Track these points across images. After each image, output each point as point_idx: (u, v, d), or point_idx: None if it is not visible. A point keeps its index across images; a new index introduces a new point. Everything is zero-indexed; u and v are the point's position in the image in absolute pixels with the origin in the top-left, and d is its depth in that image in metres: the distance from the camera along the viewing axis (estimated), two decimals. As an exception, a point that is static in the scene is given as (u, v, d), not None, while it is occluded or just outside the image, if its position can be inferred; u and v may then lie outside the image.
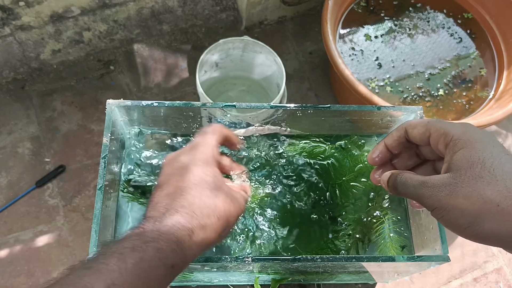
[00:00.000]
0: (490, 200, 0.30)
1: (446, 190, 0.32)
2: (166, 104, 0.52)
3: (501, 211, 0.30)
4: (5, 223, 0.88)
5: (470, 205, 0.31)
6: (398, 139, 0.41)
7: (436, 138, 0.36)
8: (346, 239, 0.57)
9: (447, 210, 0.32)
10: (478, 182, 0.31)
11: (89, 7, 0.93)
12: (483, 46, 1.03)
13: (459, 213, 0.31)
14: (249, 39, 0.91)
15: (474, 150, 0.33)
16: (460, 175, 0.32)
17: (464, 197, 0.31)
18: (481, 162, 0.32)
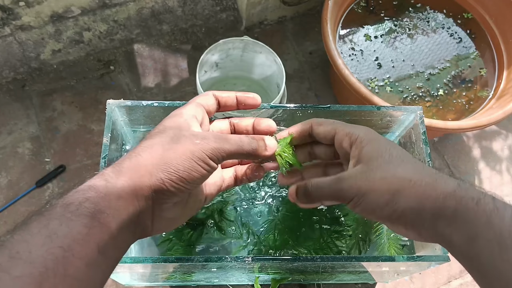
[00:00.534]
0: (403, 177, 0.34)
1: (363, 177, 0.35)
2: (166, 104, 0.52)
3: (413, 185, 0.33)
4: (5, 223, 0.88)
5: (387, 184, 0.34)
6: (302, 132, 0.42)
7: (341, 137, 0.39)
8: (347, 240, 0.57)
9: (366, 194, 0.35)
10: (390, 165, 0.35)
11: (89, 7, 0.94)
12: (483, 46, 1.03)
13: (378, 194, 0.34)
14: (249, 39, 0.91)
15: (379, 143, 0.37)
16: (372, 163, 0.36)
17: (381, 178, 0.34)
18: (388, 151, 0.36)
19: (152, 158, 0.34)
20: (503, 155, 1.05)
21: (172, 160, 0.34)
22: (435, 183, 0.34)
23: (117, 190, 0.33)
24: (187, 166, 0.34)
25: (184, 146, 0.35)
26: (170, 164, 0.34)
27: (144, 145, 0.35)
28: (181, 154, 0.34)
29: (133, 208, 0.33)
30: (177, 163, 0.34)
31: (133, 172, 0.34)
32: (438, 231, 0.33)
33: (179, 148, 0.34)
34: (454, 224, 0.32)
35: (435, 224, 0.33)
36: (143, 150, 0.35)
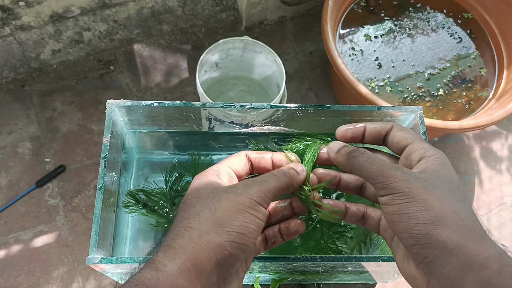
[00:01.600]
0: (458, 212, 0.30)
1: (423, 183, 0.32)
2: (166, 104, 0.52)
3: (463, 227, 0.30)
4: (5, 223, 0.88)
5: (439, 207, 0.30)
6: (379, 131, 0.40)
7: (416, 147, 0.36)
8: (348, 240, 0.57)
9: (414, 199, 0.31)
10: (451, 195, 0.31)
11: (89, 7, 0.93)
12: (483, 46, 1.03)
13: (425, 206, 0.30)
14: (249, 39, 0.91)
15: (451, 172, 0.34)
16: (439, 180, 0.32)
17: (438, 197, 0.31)
18: (457, 184, 0.33)
19: (205, 225, 0.31)
20: (503, 155, 1.05)
21: (225, 219, 0.31)
22: (483, 238, 0.30)
23: (172, 279, 0.28)
24: (241, 220, 0.31)
25: (230, 200, 0.32)
26: (225, 224, 0.31)
27: (187, 216, 0.32)
28: (231, 210, 0.31)
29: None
30: (231, 220, 0.31)
31: (189, 250, 0.30)
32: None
33: (226, 205, 0.32)
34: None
35: (462, 279, 0.28)
36: (191, 221, 0.31)
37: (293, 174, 0.38)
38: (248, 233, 0.31)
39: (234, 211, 0.31)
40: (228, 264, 0.31)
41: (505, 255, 0.29)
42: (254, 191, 0.33)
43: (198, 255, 0.30)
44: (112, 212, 0.54)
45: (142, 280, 0.28)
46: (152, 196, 0.61)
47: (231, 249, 0.30)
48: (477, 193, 1.00)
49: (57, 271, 0.84)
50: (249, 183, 0.34)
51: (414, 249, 0.30)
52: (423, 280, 0.31)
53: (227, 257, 0.30)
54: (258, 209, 0.32)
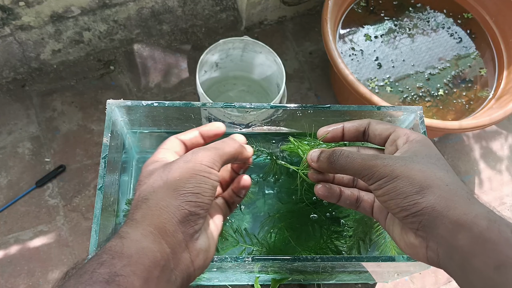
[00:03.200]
0: (442, 179, 0.34)
1: (402, 162, 0.35)
2: (166, 104, 0.52)
3: (447, 189, 0.33)
4: (5, 223, 0.88)
5: (423, 176, 0.33)
6: (357, 128, 0.43)
7: (399, 134, 0.40)
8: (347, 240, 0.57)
9: (398, 178, 0.34)
10: (433, 166, 0.35)
11: (89, 7, 0.94)
12: (483, 46, 1.03)
13: (409, 181, 0.33)
14: (249, 39, 0.91)
15: (432, 150, 0.37)
16: (417, 157, 0.36)
17: (419, 170, 0.34)
18: (437, 157, 0.36)
19: (160, 193, 0.33)
20: (503, 155, 1.05)
21: (179, 184, 0.33)
22: (470, 200, 0.32)
23: (137, 242, 0.31)
24: (194, 182, 0.33)
25: (180, 168, 0.34)
26: (179, 187, 0.33)
27: (143, 190, 0.34)
28: (183, 175, 0.34)
29: (161, 253, 0.31)
30: (184, 184, 0.33)
31: (149, 216, 0.32)
32: (454, 246, 0.30)
33: (177, 172, 0.34)
34: (481, 245, 0.29)
35: (455, 236, 0.30)
36: (147, 195, 0.34)
37: (240, 141, 0.41)
38: (202, 192, 0.34)
39: (186, 175, 0.34)
40: (191, 222, 0.33)
41: (492, 213, 0.31)
42: (203, 156, 0.35)
43: (159, 219, 0.32)
44: (112, 212, 0.54)
45: (108, 248, 0.30)
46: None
47: (189, 208, 0.33)
48: (477, 193, 1.00)
49: (57, 271, 0.84)
50: (196, 150, 0.36)
51: (408, 219, 0.34)
52: (423, 245, 0.34)
53: (187, 215, 0.33)
54: (209, 171, 0.35)
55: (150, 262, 0.30)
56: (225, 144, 0.38)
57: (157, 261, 0.30)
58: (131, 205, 0.35)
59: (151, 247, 0.31)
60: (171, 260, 0.31)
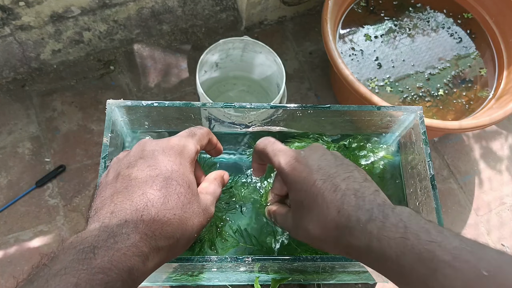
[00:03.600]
0: (315, 237, 0.36)
1: (292, 229, 0.40)
2: (166, 104, 0.52)
3: (323, 242, 0.36)
4: (5, 223, 0.88)
5: (309, 241, 0.38)
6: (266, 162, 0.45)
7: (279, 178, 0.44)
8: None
9: (297, 235, 0.39)
10: (304, 223, 0.37)
11: (89, 7, 0.94)
12: (483, 46, 1.03)
13: (303, 237, 0.38)
14: (249, 39, 0.91)
15: (295, 193, 0.38)
16: (295, 216, 0.39)
17: (302, 234, 0.37)
18: (301, 204, 0.37)
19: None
20: (503, 155, 1.05)
21: None
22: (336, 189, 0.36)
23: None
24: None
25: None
26: None
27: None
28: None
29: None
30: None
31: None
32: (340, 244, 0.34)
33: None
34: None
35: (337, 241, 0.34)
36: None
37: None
38: (196, 233, 0.37)
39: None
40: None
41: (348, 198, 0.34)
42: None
43: None
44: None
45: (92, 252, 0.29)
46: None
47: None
48: (477, 193, 1.00)
49: (57, 271, 0.84)
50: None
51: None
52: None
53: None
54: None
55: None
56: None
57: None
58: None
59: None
60: None
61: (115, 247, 0.28)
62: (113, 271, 0.27)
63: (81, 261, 0.26)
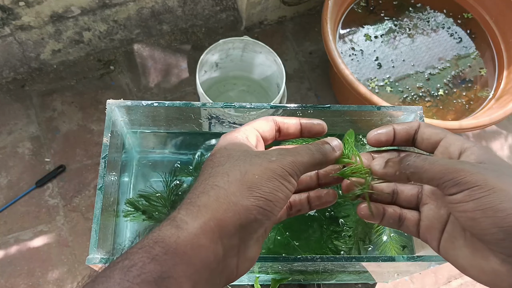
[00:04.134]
0: None
1: (493, 173, 0.29)
2: (166, 104, 0.52)
3: None
4: (5, 223, 0.88)
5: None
6: (408, 131, 0.37)
7: (450, 141, 0.35)
8: (346, 240, 0.57)
9: (493, 190, 0.28)
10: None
11: (89, 7, 0.93)
12: (483, 46, 1.03)
13: (507, 197, 0.27)
14: (249, 39, 0.91)
15: (500, 158, 0.32)
16: (501, 168, 0.30)
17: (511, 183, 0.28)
18: (508, 165, 0.31)
19: (233, 186, 0.30)
20: (503, 155, 1.05)
21: (255, 183, 0.30)
22: None
23: (193, 238, 0.27)
24: (271, 186, 0.30)
25: (262, 166, 0.31)
26: (254, 188, 0.30)
27: (215, 173, 0.31)
28: (262, 175, 0.30)
29: (215, 255, 0.28)
30: (261, 185, 0.30)
31: (214, 209, 0.29)
32: None
33: (258, 169, 0.31)
34: None
35: None
36: (218, 180, 0.30)
37: (328, 150, 0.36)
38: (275, 201, 0.30)
39: (265, 177, 0.30)
40: (252, 229, 0.30)
41: None
42: (287, 161, 0.32)
43: (223, 215, 0.29)
44: (112, 212, 0.54)
45: (161, 238, 0.27)
46: (152, 201, 0.61)
47: (257, 214, 0.29)
48: (477, 193, 1.00)
49: (57, 271, 0.84)
50: (283, 152, 0.32)
51: (504, 243, 0.28)
52: (510, 273, 0.28)
53: (252, 221, 0.29)
54: (289, 179, 0.31)
55: (201, 262, 0.27)
56: (310, 151, 0.34)
57: (209, 263, 0.28)
58: (196, 181, 0.31)
59: (208, 247, 0.28)
60: (221, 263, 0.29)
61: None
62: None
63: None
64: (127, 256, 0.26)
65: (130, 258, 0.26)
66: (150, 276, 0.25)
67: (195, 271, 0.27)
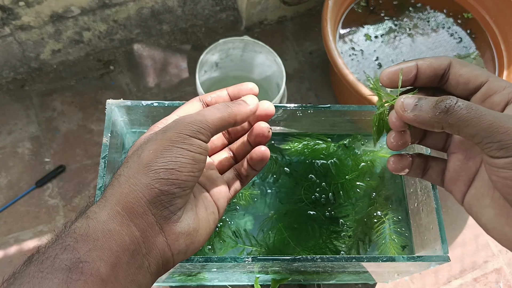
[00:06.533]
0: None
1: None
2: (166, 104, 0.52)
3: None
4: (5, 223, 0.88)
5: None
6: (436, 69, 0.32)
7: (494, 88, 0.30)
8: (346, 240, 0.57)
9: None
10: None
11: (89, 7, 0.93)
12: (483, 46, 1.03)
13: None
14: (249, 39, 0.91)
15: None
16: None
17: None
18: None
19: (132, 168, 0.30)
20: (503, 155, 1.05)
21: (151, 158, 0.29)
22: None
23: (102, 224, 0.28)
24: (168, 155, 0.29)
25: (157, 139, 0.30)
26: (150, 164, 0.29)
27: (120, 166, 0.32)
28: (158, 148, 0.30)
29: (130, 237, 0.28)
30: (157, 157, 0.29)
31: (117, 194, 0.30)
32: None
33: (153, 145, 0.30)
34: None
35: None
36: (121, 170, 0.31)
37: (240, 103, 0.36)
38: (179, 167, 0.29)
39: (160, 148, 0.30)
40: (163, 202, 0.29)
41: None
42: (184, 124, 0.31)
43: (127, 198, 0.29)
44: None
45: (73, 229, 0.28)
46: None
47: (160, 186, 0.29)
48: (477, 193, 1.00)
49: (57, 271, 0.84)
50: (181, 118, 0.32)
51: None
52: None
53: (158, 195, 0.29)
54: (190, 141, 0.30)
55: (117, 246, 0.27)
56: (215, 108, 0.33)
57: (125, 246, 0.28)
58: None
59: (118, 230, 0.28)
60: (142, 245, 0.29)
61: (151, 244, 0.30)
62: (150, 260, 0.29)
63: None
64: (41, 251, 0.27)
65: (43, 252, 0.27)
66: (62, 263, 0.25)
67: (111, 254, 0.27)
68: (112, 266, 0.26)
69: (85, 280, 0.25)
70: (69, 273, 0.25)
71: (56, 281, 0.24)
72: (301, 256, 0.45)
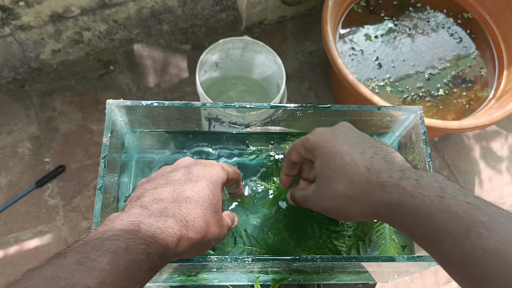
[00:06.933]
0: (341, 194, 0.37)
1: (314, 199, 0.41)
2: (166, 104, 0.51)
3: (349, 200, 0.37)
4: (5, 223, 0.88)
5: (333, 203, 0.38)
6: (295, 160, 0.45)
7: (304, 153, 0.42)
8: (346, 240, 0.57)
9: (325, 212, 0.41)
10: (330, 183, 0.38)
11: (89, 7, 0.93)
12: (483, 46, 1.03)
13: (329, 211, 0.40)
14: (249, 39, 0.91)
15: (322, 156, 0.39)
16: (319, 181, 0.40)
17: (326, 198, 0.39)
18: (327, 165, 0.38)
19: None
20: (503, 155, 1.05)
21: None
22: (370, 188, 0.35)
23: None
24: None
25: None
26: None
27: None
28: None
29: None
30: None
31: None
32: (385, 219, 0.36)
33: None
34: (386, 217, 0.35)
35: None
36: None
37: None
38: (213, 241, 0.41)
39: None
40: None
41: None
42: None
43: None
44: (112, 212, 0.53)
45: (138, 225, 0.33)
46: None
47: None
48: (477, 193, 1.00)
49: (57, 271, 0.84)
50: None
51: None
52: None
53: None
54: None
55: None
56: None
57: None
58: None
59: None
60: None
61: (156, 225, 0.33)
62: (153, 244, 0.32)
63: (128, 232, 0.31)
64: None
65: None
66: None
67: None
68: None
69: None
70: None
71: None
72: (301, 256, 0.45)
